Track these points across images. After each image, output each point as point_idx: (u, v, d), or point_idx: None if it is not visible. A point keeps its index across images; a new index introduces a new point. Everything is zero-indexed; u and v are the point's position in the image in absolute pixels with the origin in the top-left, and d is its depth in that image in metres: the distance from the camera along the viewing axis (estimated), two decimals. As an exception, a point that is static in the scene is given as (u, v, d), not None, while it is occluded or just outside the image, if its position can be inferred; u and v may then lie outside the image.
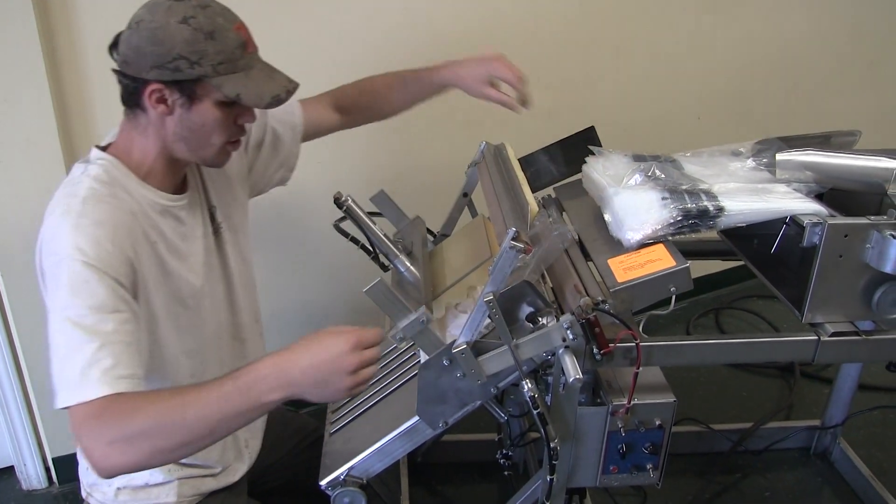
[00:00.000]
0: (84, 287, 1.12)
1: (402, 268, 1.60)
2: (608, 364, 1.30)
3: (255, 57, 1.26)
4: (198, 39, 1.17)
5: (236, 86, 1.20)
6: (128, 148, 1.28)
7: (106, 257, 1.15)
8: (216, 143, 1.27)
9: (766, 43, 2.86)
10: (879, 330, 1.36)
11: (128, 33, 1.21)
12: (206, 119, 1.23)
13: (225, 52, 1.19)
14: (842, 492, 2.17)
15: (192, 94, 1.21)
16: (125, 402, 1.09)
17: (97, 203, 1.19)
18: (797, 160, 1.42)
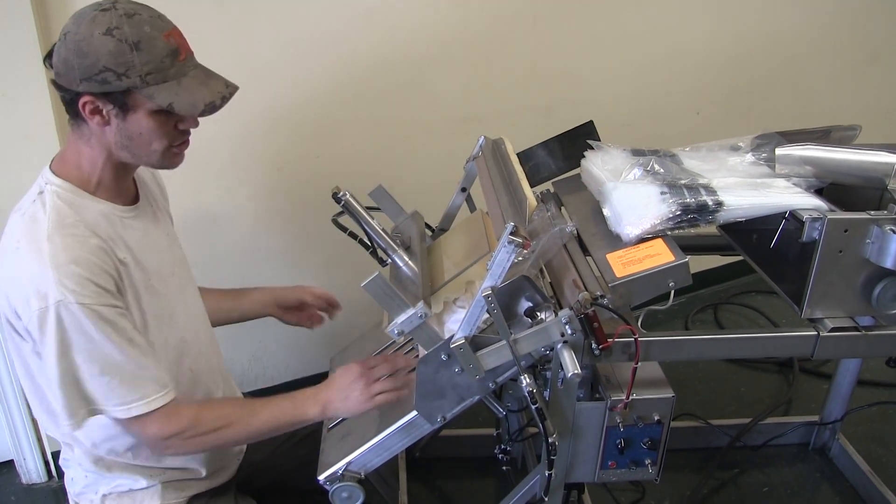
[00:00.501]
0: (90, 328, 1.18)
1: (401, 262, 1.59)
2: (607, 359, 1.30)
3: (188, 64, 1.24)
4: (123, 51, 1.15)
5: (168, 95, 1.19)
6: (77, 161, 1.27)
7: (97, 291, 1.19)
8: (158, 148, 1.26)
9: (766, 37, 2.85)
10: (879, 325, 1.35)
11: (58, 45, 1.20)
12: (143, 128, 1.22)
13: (153, 61, 1.17)
14: (840, 487, 2.18)
15: (124, 106, 1.20)
16: (202, 412, 1.32)
17: (63, 238, 1.19)
18: (797, 155, 1.42)
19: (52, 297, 1.15)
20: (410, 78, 2.23)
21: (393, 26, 2.13)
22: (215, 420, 1.32)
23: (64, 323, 1.16)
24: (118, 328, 1.21)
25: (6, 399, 2.06)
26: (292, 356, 2.43)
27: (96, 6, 1.18)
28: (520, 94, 2.42)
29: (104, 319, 1.19)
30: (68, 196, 1.25)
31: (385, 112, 2.23)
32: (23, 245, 1.19)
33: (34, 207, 1.24)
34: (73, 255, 1.18)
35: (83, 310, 1.16)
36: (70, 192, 1.26)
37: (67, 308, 1.16)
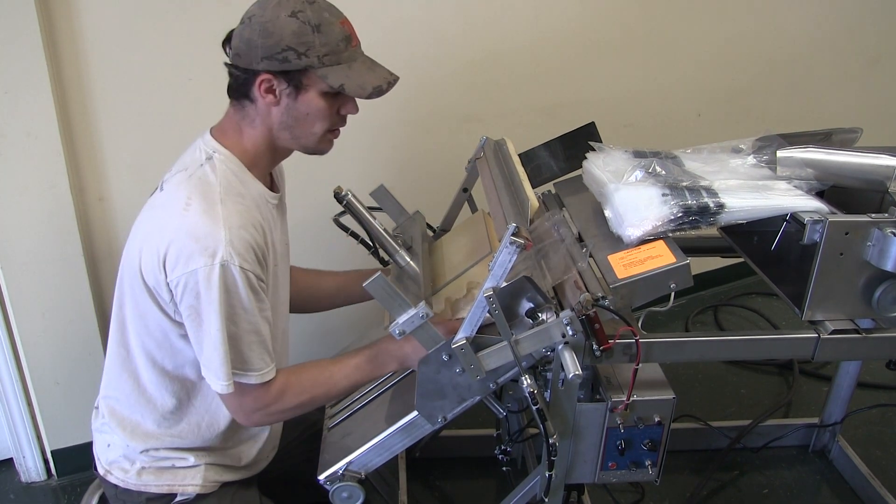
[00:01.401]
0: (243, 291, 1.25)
1: (402, 262, 1.59)
2: (607, 360, 1.30)
3: (358, 51, 1.34)
4: (305, 32, 1.24)
5: (340, 76, 1.28)
6: (238, 138, 1.34)
7: (253, 258, 1.26)
8: (318, 131, 1.34)
9: (768, 39, 2.86)
10: (879, 328, 1.36)
11: (240, 28, 1.28)
12: (311, 108, 1.30)
13: (330, 44, 1.26)
14: (840, 490, 2.18)
15: (298, 84, 1.28)
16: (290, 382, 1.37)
17: (234, 204, 1.27)
18: (798, 157, 1.42)
19: (220, 255, 1.21)
20: (412, 78, 2.22)
21: (394, 26, 2.13)
22: (299, 394, 1.38)
23: (226, 282, 1.23)
24: (260, 298, 1.28)
25: (6, 397, 2.06)
26: (293, 355, 2.42)
27: None
28: (522, 94, 2.42)
29: (253, 288, 1.26)
30: (234, 167, 1.33)
31: (387, 112, 2.23)
32: (195, 204, 1.25)
33: (203, 170, 1.30)
34: (244, 222, 1.26)
35: (242, 275, 1.23)
36: (235, 164, 1.33)
37: (230, 269, 1.22)
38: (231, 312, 1.25)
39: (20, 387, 2.05)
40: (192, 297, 1.24)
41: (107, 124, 1.87)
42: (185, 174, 1.31)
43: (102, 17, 1.78)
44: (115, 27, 1.79)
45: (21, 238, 1.84)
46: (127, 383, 1.41)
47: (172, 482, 1.44)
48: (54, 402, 2.05)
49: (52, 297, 1.93)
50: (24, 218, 1.82)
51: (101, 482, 1.50)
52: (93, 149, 1.87)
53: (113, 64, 1.82)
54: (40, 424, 2.10)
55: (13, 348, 1.99)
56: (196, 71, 1.89)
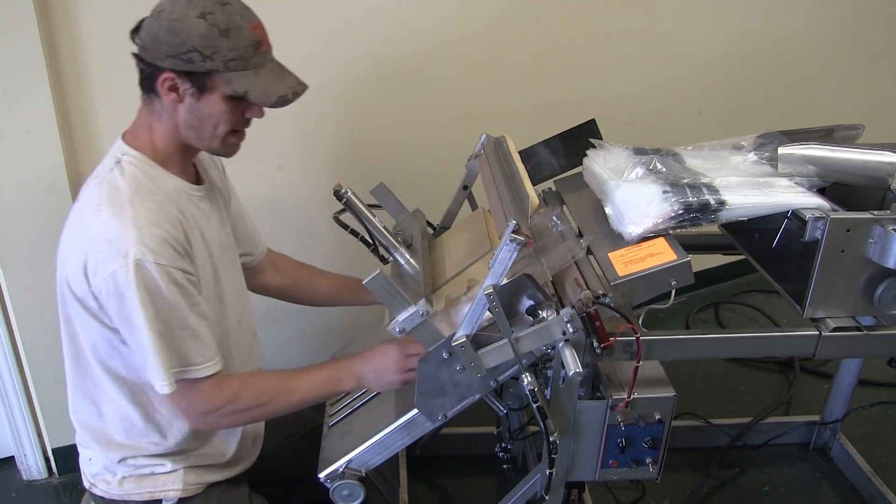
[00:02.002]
0: (164, 288, 1.23)
1: (402, 260, 1.59)
2: (608, 358, 1.30)
3: (267, 57, 1.31)
4: (213, 35, 1.21)
5: (245, 83, 1.25)
6: (149, 135, 1.33)
7: (171, 253, 1.24)
8: (221, 133, 1.31)
9: (769, 36, 2.85)
10: (881, 325, 1.35)
11: (149, 21, 1.25)
12: (214, 110, 1.28)
13: (237, 49, 1.23)
14: (841, 487, 2.17)
15: (202, 86, 1.26)
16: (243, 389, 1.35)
17: (144, 203, 1.25)
18: (799, 154, 1.42)
19: (132, 255, 1.20)
20: (412, 75, 2.22)
21: (394, 24, 2.13)
22: (255, 397, 1.37)
23: (144, 280, 1.21)
24: (187, 293, 1.27)
25: (7, 395, 2.06)
26: (294, 353, 2.43)
27: None
28: (522, 91, 2.42)
29: (176, 282, 1.24)
30: (144, 167, 1.31)
31: (387, 110, 2.23)
32: (104, 209, 1.24)
33: (112, 175, 1.29)
34: (154, 218, 1.24)
35: (160, 270, 1.22)
36: (145, 163, 1.31)
37: (145, 267, 1.20)
38: (156, 310, 1.23)
39: (21, 385, 2.05)
40: (116, 301, 1.23)
41: (106, 123, 1.87)
42: (96, 181, 1.30)
43: (101, 15, 1.77)
44: (114, 25, 1.78)
45: (20, 236, 1.84)
46: (89, 397, 1.40)
47: (154, 488, 1.43)
48: (55, 401, 2.05)
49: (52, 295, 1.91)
50: (23, 216, 1.82)
51: (89, 496, 1.49)
52: (91, 147, 1.87)
53: (112, 62, 1.82)
54: (41, 423, 2.11)
55: (13, 347, 1.99)
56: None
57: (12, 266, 1.87)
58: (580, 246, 1.34)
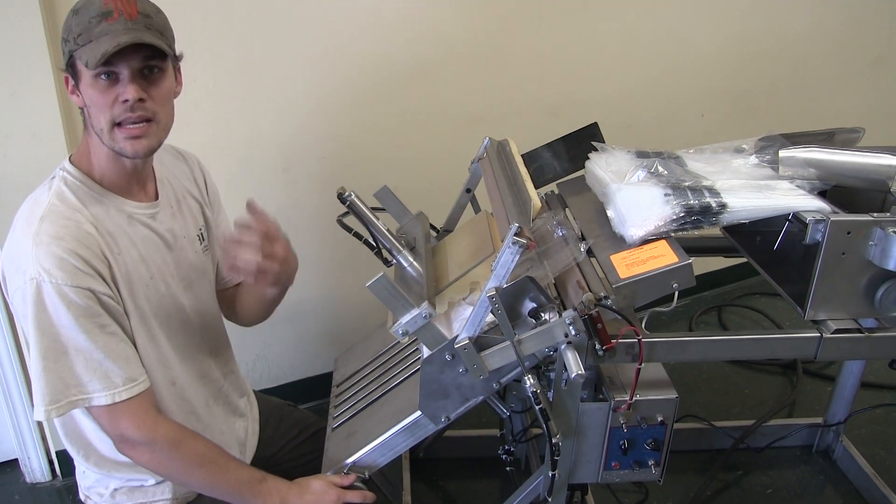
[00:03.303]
0: (60, 308, 1.17)
1: (405, 263, 1.60)
2: (610, 360, 1.30)
3: (118, 24, 1.17)
4: (67, 19, 1.19)
5: (88, 53, 1.16)
6: (86, 150, 1.29)
7: (70, 272, 1.18)
8: (103, 124, 1.21)
9: (771, 40, 2.86)
10: (882, 327, 1.36)
11: None
12: (89, 98, 1.21)
13: (83, 23, 1.17)
14: (844, 490, 2.17)
15: (75, 74, 1.21)
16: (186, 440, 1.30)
17: (55, 220, 1.21)
18: (800, 157, 1.42)
19: (29, 273, 1.16)
20: (415, 79, 2.23)
21: (398, 27, 2.14)
22: (193, 454, 1.31)
23: (37, 300, 1.17)
24: (90, 313, 1.20)
25: (10, 398, 2.07)
26: (297, 356, 2.44)
27: None
28: (525, 95, 2.43)
29: (72, 302, 1.18)
30: (76, 183, 1.27)
31: (390, 113, 2.24)
32: (18, 224, 1.23)
33: (41, 192, 1.27)
34: (58, 234, 1.19)
35: (54, 290, 1.17)
36: (79, 179, 1.27)
37: (42, 286, 1.16)
38: (51, 331, 1.18)
39: (24, 388, 2.06)
40: (21, 319, 1.21)
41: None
42: (31, 197, 1.28)
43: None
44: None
45: (26, 239, 1.85)
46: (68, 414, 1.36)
47: (145, 499, 1.43)
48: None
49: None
50: (28, 219, 1.83)
51: None
52: (97, 150, 1.88)
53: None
54: (45, 425, 2.11)
55: (18, 351, 2.00)
56: (196, 72, 1.90)
57: (18, 269, 1.87)
58: (580, 249, 1.34)
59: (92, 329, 1.21)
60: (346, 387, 1.72)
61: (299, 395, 2.40)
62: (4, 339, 1.98)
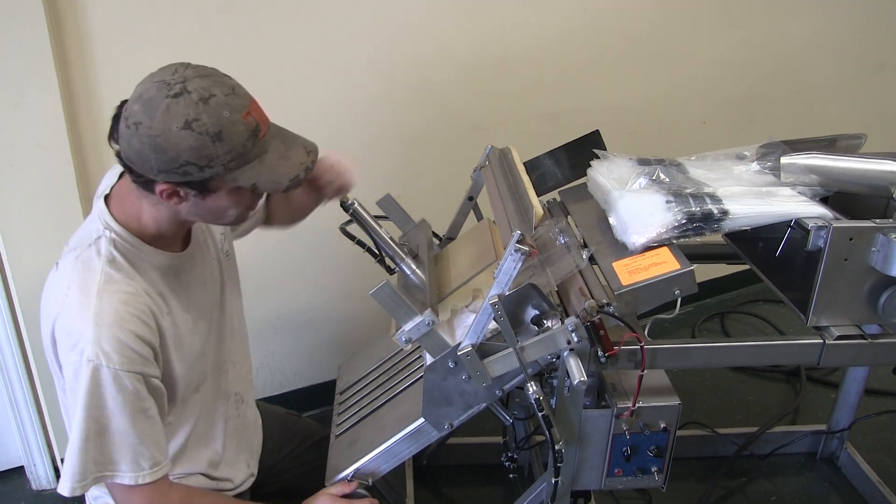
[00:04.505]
0: (112, 393, 1.17)
1: (408, 270, 1.60)
2: (613, 367, 1.30)
3: (268, 138, 1.19)
4: (204, 145, 1.10)
5: (251, 176, 1.15)
6: (137, 213, 1.24)
7: (129, 357, 1.18)
8: (233, 215, 1.24)
9: (773, 46, 2.86)
10: (885, 333, 1.36)
11: (127, 133, 1.12)
12: (222, 203, 1.20)
13: (235, 149, 1.12)
14: (849, 497, 2.17)
15: (204, 189, 1.16)
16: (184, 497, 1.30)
17: (114, 295, 1.19)
18: (802, 163, 1.43)
19: (87, 354, 1.15)
20: (418, 87, 2.24)
21: (399, 35, 2.15)
22: None
23: (91, 383, 1.16)
24: (138, 397, 1.20)
25: (17, 405, 2.08)
26: (300, 363, 2.44)
27: (164, 88, 1.10)
28: (527, 103, 2.43)
29: (123, 387, 1.18)
30: (125, 246, 1.24)
31: (392, 121, 2.25)
32: (72, 294, 1.19)
33: (89, 253, 1.23)
34: (118, 317, 1.17)
35: (111, 374, 1.16)
36: (128, 241, 1.24)
37: (97, 370, 1.16)
38: (96, 413, 1.18)
39: (31, 396, 2.06)
40: (68, 389, 1.20)
41: (116, 135, 1.89)
42: (74, 254, 1.24)
43: (111, 29, 1.80)
44: (124, 39, 1.81)
45: (30, 248, 1.86)
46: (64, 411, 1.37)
47: None
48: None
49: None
50: (33, 228, 1.84)
51: None
52: (101, 159, 1.89)
53: (121, 75, 1.83)
54: (50, 433, 2.12)
55: (24, 358, 2.01)
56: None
57: (23, 277, 1.89)
58: (582, 256, 1.35)
59: (136, 414, 1.20)
60: (350, 394, 1.72)
61: (302, 403, 2.41)
62: (11, 349, 1.99)
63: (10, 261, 1.86)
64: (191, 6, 1.85)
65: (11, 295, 1.91)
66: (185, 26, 1.87)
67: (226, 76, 1.18)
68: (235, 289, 1.55)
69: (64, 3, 1.73)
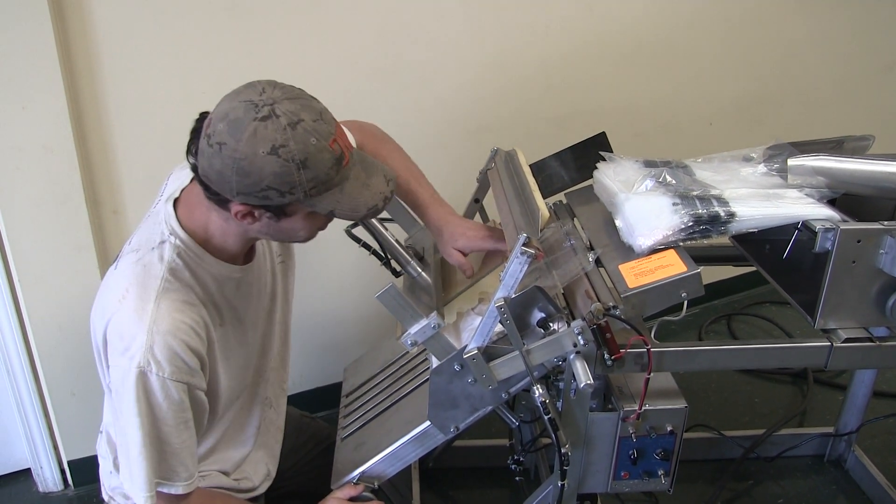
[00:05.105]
0: (159, 400, 1.18)
1: (414, 273, 1.60)
2: (619, 369, 1.30)
3: (350, 165, 1.17)
4: (289, 171, 1.08)
5: (330, 203, 1.15)
6: (205, 223, 1.24)
7: (178, 366, 1.18)
8: (304, 236, 1.25)
9: (779, 47, 2.85)
10: (893, 336, 1.35)
11: (209, 151, 1.10)
12: (296, 226, 1.20)
13: (318, 176, 1.11)
14: (857, 500, 2.16)
15: (281, 213, 1.16)
16: None
17: (172, 304, 1.19)
18: (809, 165, 1.42)
19: (137, 361, 1.15)
20: (423, 88, 2.24)
21: (405, 37, 2.15)
22: None
23: (138, 388, 1.16)
24: (181, 407, 1.21)
25: (24, 408, 2.08)
26: (306, 366, 2.44)
27: (252, 110, 1.08)
28: (533, 104, 2.43)
29: (169, 395, 1.18)
30: (189, 255, 1.24)
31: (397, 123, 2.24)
32: (130, 297, 1.19)
33: (151, 256, 1.22)
34: (173, 326, 1.17)
35: (158, 382, 1.17)
36: (192, 250, 1.24)
37: (147, 377, 1.16)
38: (148, 420, 1.18)
39: (37, 398, 2.07)
40: (116, 392, 1.21)
41: (121, 138, 1.89)
42: (136, 256, 1.24)
43: (117, 33, 1.80)
44: (130, 43, 1.82)
45: (37, 250, 1.86)
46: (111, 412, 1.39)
47: None
48: (71, 413, 2.07)
49: (68, 309, 1.95)
50: (40, 230, 1.85)
51: None
52: (108, 162, 1.89)
53: (128, 79, 1.85)
54: (57, 435, 2.12)
55: (30, 360, 2.02)
56: (208, 84, 1.91)
57: (29, 279, 1.89)
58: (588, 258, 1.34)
59: (179, 424, 1.21)
60: (356, 397, 1.72)
61: (309, 406, 2.40)
62: (18, 352, 1.99)
63: (16, 264, 1.87)
64: (196, 6, 1.86)
65: (18, 298, 1.92)
66: (190, 27, 1.88)
67: (313, 99, 1.16)
68: (286, 297, 1.55)
69: (69, 6, 1.73)
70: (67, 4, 1.73)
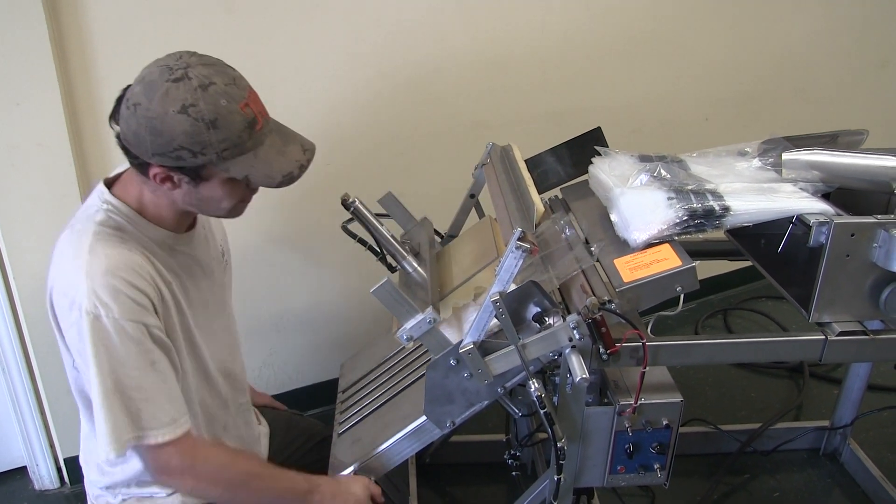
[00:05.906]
0: (116, 343, 1.15)
1: (410, 268, 1.60)
2: (615, 364, 1.30)
3: (264, 132, 1.19)
4: (199, 130, 1.11)
5: (244, 167, 1.16)
6: (138, 196, 1.25)
7: (126, 305, 1.15)
8: (226, 206, 1.25)
9: (775, 44, 2.86)
10: (887, 329, 1.35)
11: (126, 114, 1.14)
12: (215, 193, 1.21)
13: (230, 138, 1.13)
14: (852, 493, 2.17)
15: (197, 176, 1.17)
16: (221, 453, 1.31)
17: (105, 249, 1.17)
18: (803, 160, 1.42)
19: (84, 307, 1.13)
20: (420, 85, 2.24)
21: (401, 33, 2.15)
22: (237, 474, 1.29)
23: (93, 335, 1.14)
24: (144, 349, 1.18)
25: (19, 405, 2.08)
26: (303, 362, 2.45)
27: (166, 72, 1.12)
28: (528, 100, 2.43)
29: (129, 336, 1.16)
30: (122, 216, 1.23)
31: (394, 119, 2.25)
32: (65, 259, 1.19)
33: (85, 224, 1.22)
34: (111, 264, 1.15)
35: (111, 324, 1.14)
36: (125, 213, 1.24)
37: (97, 320, 1.14)
38: (108, 367, 1.15)
39: (33, 396, 2.07)
40: (75, 353, 1.19)
41: (117, 134, 1.89)
42: (70, 229, 1.23)
43: (112, 29, 1.80)
44: (125, 39, 1.82)
45: (32, 248, 1.86)
46: (84, 418, 1.38)
47: None
48: (67, 411, 2.07)
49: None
50: (35, 228, 1.84)
51: None
52: (102, 159, 1.89)
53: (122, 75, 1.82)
54: (53, 433, 2.12)
55: (26, 358, 2.01)
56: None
57: (24, 277, 1.89)
58: (587, 253, 1.35)
59: (144, 366, 1.18)
60: (352, 392, 1.72)
61: (305, 402, 2.41)
62: (13, 347, 1.99)
63: (11, 261, 1.87)
64: (192, 5, 1.86)
65: (13, 295, 1.92)
66: (187, 25, 1.87)
67: (229, 67, 1.19)
68: (229, 296, 1.54)
69: (64, 3, 1.73)
70: (62, 1, 1.73)
